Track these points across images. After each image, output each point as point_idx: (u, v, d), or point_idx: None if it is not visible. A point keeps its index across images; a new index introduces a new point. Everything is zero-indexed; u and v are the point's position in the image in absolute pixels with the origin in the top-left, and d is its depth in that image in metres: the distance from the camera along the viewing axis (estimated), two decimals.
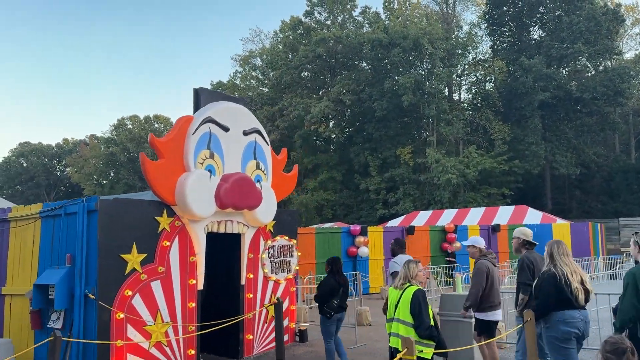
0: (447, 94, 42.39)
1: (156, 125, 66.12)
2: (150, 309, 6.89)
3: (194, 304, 7.51)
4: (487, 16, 42.89)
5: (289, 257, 9.43)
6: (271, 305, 7.20)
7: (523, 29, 42.51)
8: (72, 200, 6.72)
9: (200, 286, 7.67)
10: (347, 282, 7.48)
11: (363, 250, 17.56)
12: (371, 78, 42.15)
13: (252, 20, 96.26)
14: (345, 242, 17.66)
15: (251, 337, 8.51)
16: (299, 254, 9.93)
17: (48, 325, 6.51)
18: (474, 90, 44.42)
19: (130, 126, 64.20)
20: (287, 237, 9.43)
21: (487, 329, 6.36)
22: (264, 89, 48.70)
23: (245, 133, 8.38)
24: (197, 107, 8.00)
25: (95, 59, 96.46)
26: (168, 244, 7.20)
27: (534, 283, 5.36)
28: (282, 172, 9.36)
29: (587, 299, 5.05)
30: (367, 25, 44.75)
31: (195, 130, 7.50)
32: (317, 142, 43.53)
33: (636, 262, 4.95)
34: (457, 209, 27.75)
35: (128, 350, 6.56)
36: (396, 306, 4.82)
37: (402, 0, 44.79)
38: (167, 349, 7.09)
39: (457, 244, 19.91)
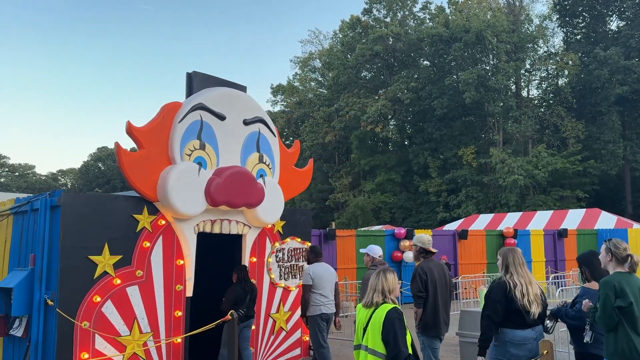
0: (514, 90, 39.89)
1: None
2: (125, 318, 6.14)
3: (180, 313, 6.70)
4: (558, 7, 39.99)
5: (301, 261, 8.45)
6: (224, 320, 6.24)
7: (598, 19, 39.27)
8: (37, 195, 6.11)
9: (190, 293, 6.85)
10: (255, 290, 7.21)
11: (408, 255, 16.27)
12: (431, 75, 40.43)
13: (312, 21, 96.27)
14: (389, 246, 16.44)
15: (253, 350, 7.59)
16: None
17: (10, 332, 5.91)
18: (544, 86, 41.53)
19: None
20: (299, 240, 8.46)
21: None
22: (323, 91, 48.09)
23: (247, 122, 7.50)
24: (190, 93, 7.21)
25: (163, 64, 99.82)
26: (149, 245, 6.43)
27: (486, 295, 4.66)
28: (293, 167, 8.40)
29: (544, 314, 4.60)
30: (428, 20, 43.04)
31: (183, 118, 6.69)
32: (374, 142, 42.27)
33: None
34: (521, 212, 25.66)
35: None
36: (365, 330, 3.73)
37: None
38: None
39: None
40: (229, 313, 5.98)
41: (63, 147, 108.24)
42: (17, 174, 75.19)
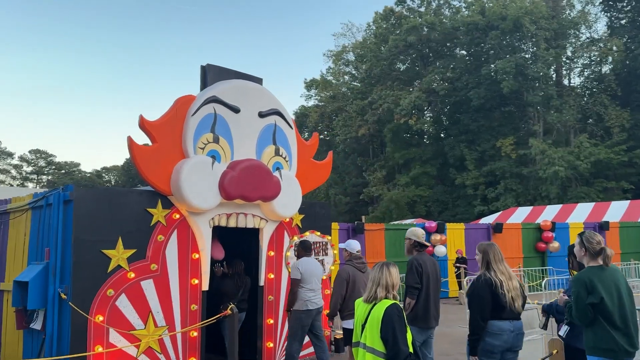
0: (555, 78, 38.57)
1: None
2: (139, 312, 6.16)
3: (197, 307, 6.68)
4: None
5: (321, 255, 8.33)
6: (224, 314, 6.15)
7: None
8: (52, 190, 6.18)
9: (206, 287, 6.82)
10: (248, 284, 7.29)
11: (440, 250, 15.91)
12: (467, 65, 39.49)
13: (345, 15, 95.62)
14: None
15: (272, 345, 7.53)
16: (336, 251, 8.78)
17: (31, 326, 6.01)
18: (586, 73, 39.97)
19: None
20: (319, 233, 8.33)
21: (348, 338, 6.16)
22: (356, 84, 47.72)
23: (262, 115, 7.40)
24: (204, 86, 7.17)
25: (198, 61, 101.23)
26: (163, 238, 6.44)
27: (468, 289, 4.78)
28: (311, 160, 8.27)
29: (523, 307, 4.68)
30: (464, 9, 42.01)
31: (196, 111, 6.65)
32: (409, 135, 41.67)
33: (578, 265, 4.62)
34: (561, 205, 24.79)
35: (110, 357, 5.86)
36: (363, 327, 3.56)
37: None
38: (162, 356, 6.32)
39: (556, 244, 17.51)
40: (229, 308, 5.92)
41: (107, 145, 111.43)
42: (63, 171, 77.72)
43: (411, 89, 40.00)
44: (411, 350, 3.41)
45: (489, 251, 4.65)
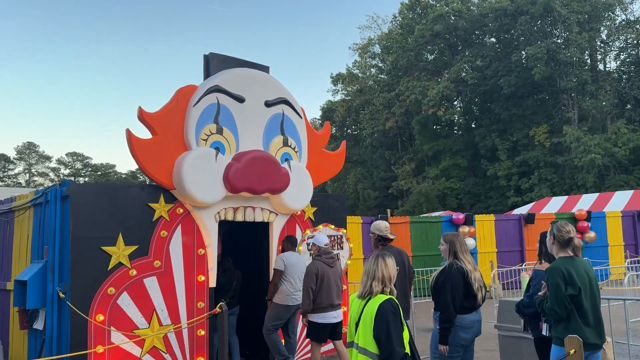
0: (589, 63, 37.13)
1: None
2: (142, 310, 5.96)
3: (203, 304, 6.45)
4: None
5: (337, 249, 8.00)
6: (214, 312, 5.85)
7: None
8: (50, 187, 6.02)
9: (213, 283, 6.59)
10: (239, 278, 7.13)
11: (469, 243, 15.33)
12: (497, 53, 38.40)
13: (370, 6, 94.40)
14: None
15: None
16: (352, 245, 8.43)
17: (33, 326, 5.88)
18: (622, 57, 38.34)
19: None
20: (333, 226, 8.00)
21: (313, 332, 6.12)
22: (383, 77, 47.03)
23: (269, 104, 7.11)
24: (207, 76, 6.91)
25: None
26: (167, 234, 6.22)
27: (433, 277, 4.75)
28: (323, 150, 7.94)
29: (483, 300, 4.70)
30: None
31: (198, 102, 6.41)
32: (438, 127, 40.79)
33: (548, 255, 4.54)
34: (597, 194, 23.75)
35: (112, 357, 5.68)
36: (357, 325, 3.22)
37: None
38: (167, 356, 6.11)
39: (592, 234, 16.71)
40: (218, 305, 5.65)
41: None
42: (99, 173, 79.37)
43: (439, 80, 39.15)
44: (407, 350, 3.06)
45: (455, 241, 4.69)
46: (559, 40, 34.82)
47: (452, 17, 38.65)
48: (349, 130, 49.94)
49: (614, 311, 7.01)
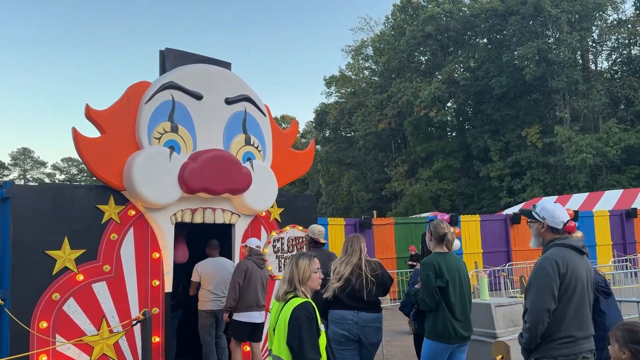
0: (581, 63, 36.99)
1: (284, 125, 67.58)
2: (91, 317, 5.69)
3: (158, 310, 6.19)
4: None
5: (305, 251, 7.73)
6: (137, 319, 5.59)
7: None
8: None
9: (169, 288, 6.32)
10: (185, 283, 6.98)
11: (455, 244, 15.09)
12: (489, 53, 38.26)
13: (362, 9, 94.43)
14: None
15: (249, 349, 6.98)
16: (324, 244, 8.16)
17: None
18: (614, 57, 38.23)
19: None
20: (301, 228, 7.74)
21: (235, 330, 6.18)
22: (375, 79, 46.88)
23: (229, 101, 6.86)
24: (163, 72, 6.67)
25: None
26: (117, 237, 5.96)
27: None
28: (290, 149, 7.68)
29: (375, 303, 4.66)
30: None
31: (151, 99, 6.15)
32: (431, 128, 40.62)
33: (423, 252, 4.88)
34: (587, 193, 23.58)
35: None
36: (274, 330, 2.98)
37: None
38: None
39: (579, 234, 16.44)
40: (141, 312, 5.39)
41: None
42: (94, 178, 78.85)
43: (431, 81, 39.00)
44: (324, 357, 2.80)
45: (348, 240, 4.83)
46: (550, 40, 34.70)
47: (444, 18, 38.53)
48: (342, 133, 49.77)
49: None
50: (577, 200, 22.16)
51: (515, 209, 25.42)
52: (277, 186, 7.20)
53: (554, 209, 3.42)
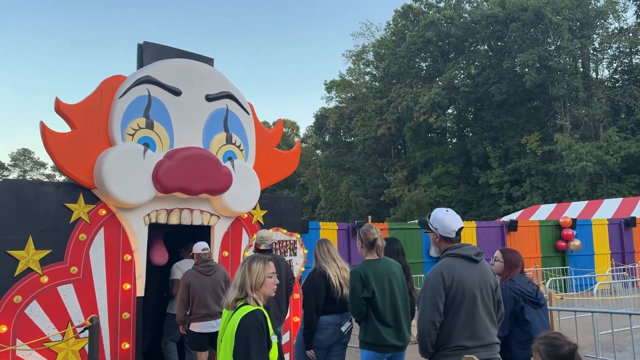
0: (582, 71, 36.76)
1: (284, 130, 67.29)
2: (55, 321, 5.39)
3: (129, 315, 5.89)
4: None
5: (289, 255, 7.45)
6: (83, 325, 5.28)
7: None
8: None
9: (141, 292, 6.03)
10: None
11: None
12: (489, 60, 38.05)
13: (364, 14, 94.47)
14: (427, 240, 15.02)
15: None
16: (306, 251, 7.87)
17: None
18: (615, 65, 38.00)
19: None
20: (285, 231, 7.45)
21: (193, 341, 6.01)
22: (376, 84, 46.68)
23: (210, 98, 6.58)
24: (141, 67, 6.40)
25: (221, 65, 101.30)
26: (86, 237, 5.67)
27: (303, 283, 4.80)
28: (274, 149, 7.40)
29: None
30: (485, 4, 40.58)
31: (125, 93, 5.88)
32: (430, 134, 40.37)
33: None
34: (586, 201, 23.25)
35: None
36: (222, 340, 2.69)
37: None
38: None
39: (577, 242, 16.17)
40: (89, 319, 5.08)
41: None
42: None
43: (431, 86, 38.76)
44: None
45: (316, 246, 4.75)
46: (550, 48, 34.48)
47: (444, 24, 38.35)
48: (342, 137, 49.52)
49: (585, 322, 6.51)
50: (575, 208, 21.84)
51: (513, 216, 25.12)
52: (260, 187, 6.92)
53: (443, 219, 3.41)
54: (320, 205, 48.24)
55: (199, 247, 6.10)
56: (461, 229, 3.43)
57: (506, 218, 24.43)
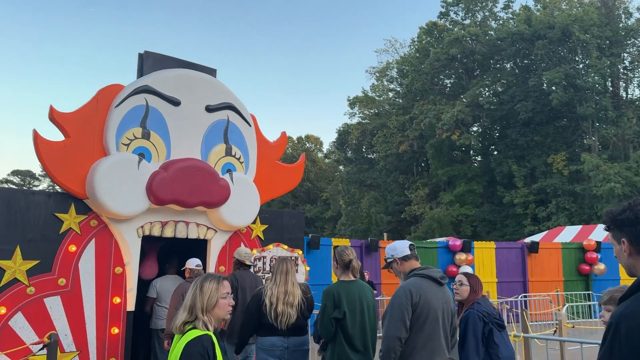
0: (611, 89, 35.88)
1: (307, 145, 67.50)
2: (40, 333, 5.25)
3: (118, 330, 5.72)
4: None
5: None
6: (40, 342, 5.06)
7: None
8: None
9: (131, 307, 5.86)
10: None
11: (465, 271, 14.30)
12: (515, 77, 37.46)
13: (389, 32, 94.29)
14: (444, 259, 14.60)
15: None
16: (308, 269, 7.62)
17: None
18: None
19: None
20: (286, 247, 7.23)
21: None
22: (399, 100, 46.42)
23: (210, 109, 6.46)
24: (140, 76, 6.31)
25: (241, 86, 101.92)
26: (76, 249, 5.54)
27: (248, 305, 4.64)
28: (277, 162, 7.22)
29: (303, 326, 4.48)
30: (512, 21, 40.12)
31: (122, 102, 5.79)
32: (453, 152, 39.80)
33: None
34: None
35: None
36: None
37: None
38: None
39: (601, 266, 15.53)
40: (46, 336, 4.87)
41: None
42: None
43: (455, 103, 38.31)
44: None
45: (276, 264, 4.62)
46: (578, 66, 33.78)
47: (469, 41, 37.98)
48: (364, 154, 49.24)
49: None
50: (601, 230, 21.03)
51: (537, 237, 24.40)
52: (261, 201, 6.73)
53: (392, 245, 3.69)
54: (341, 221, 47.87)
55: (193, 262, 5.95)
56: (413, 245, 3.61)
57: (528, 239, 23.76)
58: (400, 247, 3.58)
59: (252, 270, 6.09)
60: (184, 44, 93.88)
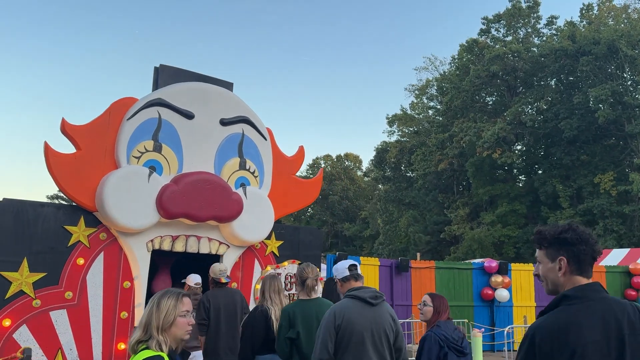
0: None
1: (347, 163, 67.43)
2: (45, 347, 5.20)
3: (125, 345, 5.61)
4: None
5: None
6: (11, 357, 4.89)
7: None
8: None
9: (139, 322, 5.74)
10: None
11: (501, 294, 13.71)
12: (559, 95, 36.34)
13: (429, 50, 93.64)
14: (479, 281, 14.02)
15: None
16: (321, 286, 7.36)
17: None
18: None
19: (323, 165, 66.30)
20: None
21: None
22: (439, 118, 45.78)
23: (225, 122, 6.38)
24: (156, 90, 6.29)
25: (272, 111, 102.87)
26: (84, 262, 5.50)
27: (244, 320, 4.64)
28: (294, 177, 7.05)
29: None
30: (555, 37, 39.10)
31: (134, 115, 5.77)
32: (495, 171, 38.77)
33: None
34: None
35: None
36: None
37: (605, 2, 38.00)
38: None
39: None
40: (20, 350, 4.73)
41: None
42: None
43: (496, 121, 37.42)
44: None
45: (265, 282, 4.52)
46: (626, 82, 32.48)
47: (511, 58, 37.17)
48: (402, 172, 48.65)
49: None
50: None
51: None
52: (275, 216, 6.57)
53: (336, 265, 3.67)
54: (379, 240, 47.23)
55: (193, 280, 5.80)
56: (354, 265, 3.57)
57: None
58: (340, 268, 3.58)
59: (231, 285, 5.99)
60: (221, 61, 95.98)
